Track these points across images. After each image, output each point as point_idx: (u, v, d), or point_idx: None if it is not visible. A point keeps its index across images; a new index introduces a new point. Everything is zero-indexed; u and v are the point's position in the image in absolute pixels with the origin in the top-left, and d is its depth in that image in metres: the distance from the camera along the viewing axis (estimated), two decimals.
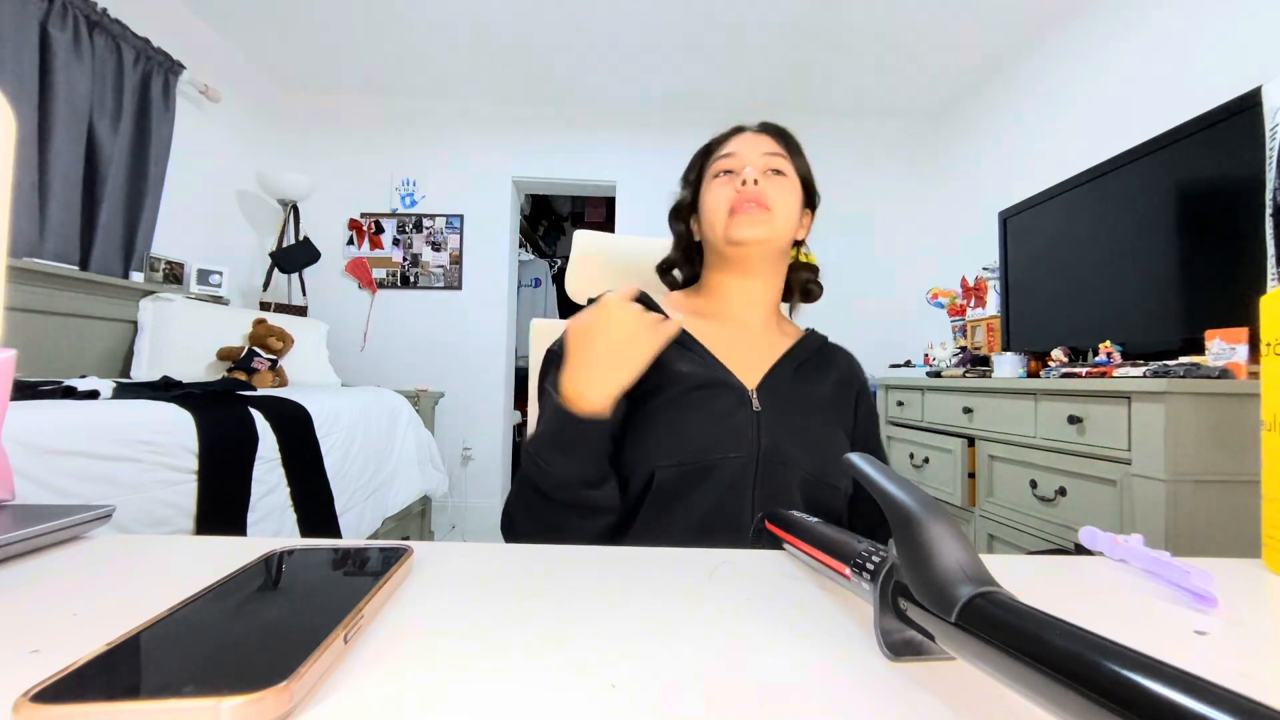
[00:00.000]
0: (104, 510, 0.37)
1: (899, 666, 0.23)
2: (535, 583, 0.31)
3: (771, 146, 0.71)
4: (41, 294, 1.75)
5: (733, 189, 0.68)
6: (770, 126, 0.74)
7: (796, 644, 0.24)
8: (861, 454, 0.28)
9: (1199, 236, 1.40)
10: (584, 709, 0.19)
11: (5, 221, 0.28)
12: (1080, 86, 2.13)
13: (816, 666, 0.22)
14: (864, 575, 0.26)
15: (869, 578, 0.26)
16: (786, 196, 0.69)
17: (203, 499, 1.28)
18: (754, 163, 0.69)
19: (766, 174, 0.69)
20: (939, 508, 0.23)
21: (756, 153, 0.70)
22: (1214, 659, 0.24)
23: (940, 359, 2.24)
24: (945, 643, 0.20)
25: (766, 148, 0.70)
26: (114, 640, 0.20)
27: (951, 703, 0.20)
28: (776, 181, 0.69)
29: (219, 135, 2.65)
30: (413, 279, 3.12)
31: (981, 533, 1.66)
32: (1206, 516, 1.10)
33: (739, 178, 0.68)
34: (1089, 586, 0.33)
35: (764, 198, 0.67)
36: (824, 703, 0.20)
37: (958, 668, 0.23)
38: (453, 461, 3.03)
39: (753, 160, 0.69)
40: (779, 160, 0.70)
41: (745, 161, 0.69)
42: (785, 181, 0.70)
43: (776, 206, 0.68)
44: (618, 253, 0.92)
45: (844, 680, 0.21)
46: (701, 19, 2.39)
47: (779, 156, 0.70)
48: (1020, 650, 0.17)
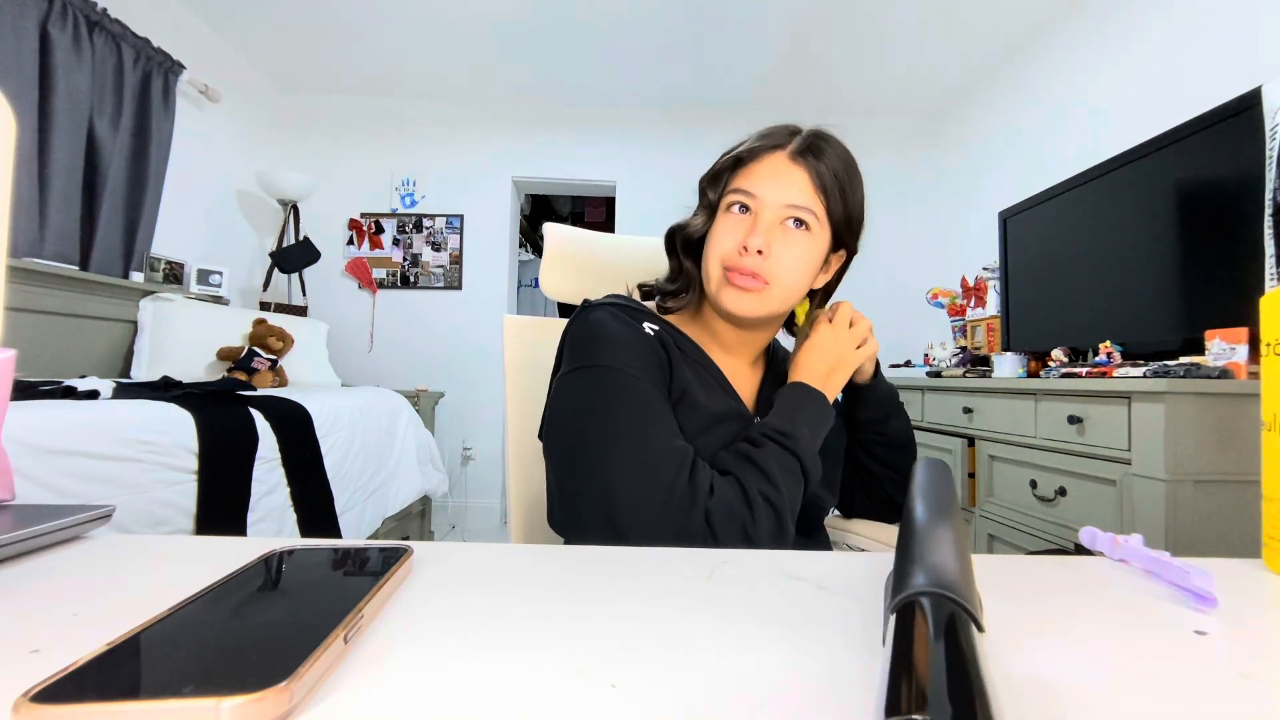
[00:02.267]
0: (104, 510, 0.37)
1: None
2: (535, 583, 0.31)
3: (800, 190, 0.59)
4: (41, 294, 1.75)
5: (737, 239, 0.59)
6: (811, 150, 0.59)
7: (797, 644, 0.24)
8: (926, 461, 0.31)
9: (1199, 236, 1.40)
10: (584, 709, 0.19)
11: (5, 221, 0.28)
12: (1080, 86, 2.13)
13: (816, 666, 0.22)
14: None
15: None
16: (797, 261, 0.59)
17: (203, 499, 1.28)
18: (771, 211, 0.58)
19: (784, 225, 0.59)
20: (943, 513, 0.23)
21: (779, 198, 0.58)
22: (1214, 659, 0.24)
23: (940, 359, 2.24)
24: (886, 631, 0.20)
25: (793, 192, 0.58)
26: (114, 640, 0.20)
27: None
28: (791, 239, 0.59)
29: (219, 135, 2.65)
30: (413, 279, 3.13)
31: (981, 533, 1.66)
32: (1206, 516, 1.10)
33: (749, 226, 0.59)
34: (1089, 586, 0.33)
35: (763, 270, 0.58)
36: (824, 703, 0.20)
37: None
38: (453, 461, 3.03)
39: (771, 207, 0.58)
40: (804, 212, 0.59)
41: (762, 205, 0.59)
42: (803, 239, 0.59)
43: (778, 278, 0.59)
44: (594, 250, 0.89)
45: (844, 680, 0.21)
46: (702, 19, 2.39)
47: (804, 209, 0.59)
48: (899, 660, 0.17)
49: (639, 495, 0.50)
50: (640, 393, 0.55)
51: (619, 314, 0.61)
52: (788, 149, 0.60)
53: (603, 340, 0.58)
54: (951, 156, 2.96)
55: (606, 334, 0.58)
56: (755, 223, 0.58)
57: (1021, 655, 0.23)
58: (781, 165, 0.59)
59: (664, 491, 0.50)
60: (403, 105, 3.13)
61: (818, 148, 0.60)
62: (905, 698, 0.15)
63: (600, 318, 0.60)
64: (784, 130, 0.62)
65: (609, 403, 0.54)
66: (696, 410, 0.58)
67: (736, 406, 0.63)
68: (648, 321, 0.62)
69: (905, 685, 0.16)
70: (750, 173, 0.60)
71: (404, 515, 2.29)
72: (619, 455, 0.52)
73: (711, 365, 0.64)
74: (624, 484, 0.50)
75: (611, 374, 0.55)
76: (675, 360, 0.60)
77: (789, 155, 0.59)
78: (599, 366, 0.56)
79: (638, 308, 0.64)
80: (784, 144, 0.60)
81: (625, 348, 0.57)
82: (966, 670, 0.16)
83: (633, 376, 0.55)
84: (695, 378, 0.61)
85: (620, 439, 0.52)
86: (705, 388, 0.61)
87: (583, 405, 0.55)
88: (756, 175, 0.60)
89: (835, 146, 0.61)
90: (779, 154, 0.60)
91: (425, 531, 2.63)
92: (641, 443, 0.52)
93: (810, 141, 0.60)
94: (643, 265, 0.84)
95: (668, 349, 0.60)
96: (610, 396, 0.54)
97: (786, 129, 0.62)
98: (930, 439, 1.93)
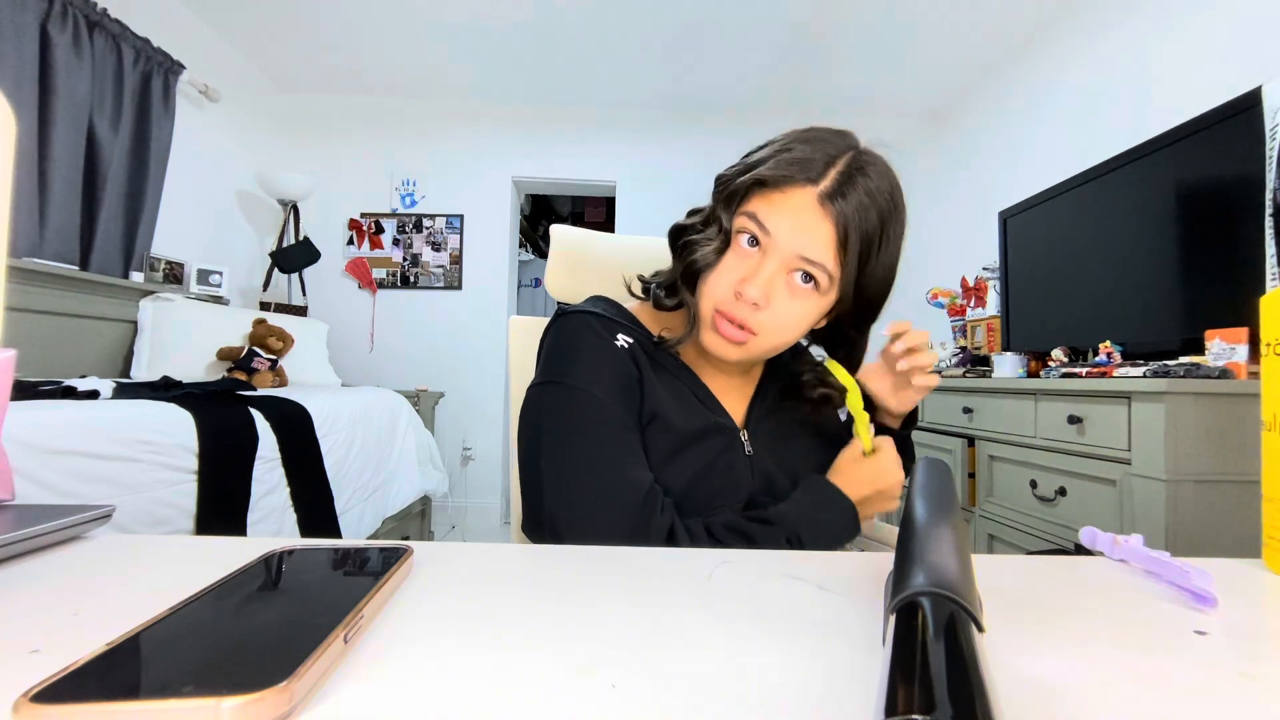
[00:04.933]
0: (104, 510, 0.37)
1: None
2: (535, 583, 0.31)
3: (823, 245, 0.51)
4: (41, 294, 1.75)
5: (735, 280, 0.53)
6: (845, 190, 0.50)
7: (796, 644, 0.24)
8: (926, 461, 0.31)
9: (1199, 236, 1.40)
10: (584, 709, 0.19)
11: (5, 221, 0.28)
12: (1081, 86, 2.13)
13: (816, 667, 0.22)
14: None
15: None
16: (795, 316, 0.54)
17: (203, 499, 1.28)
18: (780, 258, 0.52)
19: (790, 276, 0.53)
20: (943, 512, 0.23)
21: (795, 246, 0.51)
22: (1214, 659, 0.24)
23: (940, 359, 2.24)
24: (886, 631, 0.20)
25: (811, 244, 0.51)
26: (114, 640, 0.20)
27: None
28: (794, 293, 0.53)
29: (219, 135, 2.65)
30: (413, 279, 3.12)
31: (981, 533, 1.66)
32: (1206, 516, 1.10)
33: (752, 268, 0.53)
34: (1089, 586, 0.33)
35: (753, 322, 0.53)
36: (824, 703, 0.20)
37: None
38: (453, 461, 3.03)
39: (783, 253, 0.52)
40: (818, 269, 0.52)
41: (774, 246, 0.52)
42: (807, 296, 0.53)
43: (768, 331, 0.54)
44: (599, 250, 0.89)
45: (844, 680, 0.21)
46: (702, 19, 2.39)
47: (818, 267, 0.52)
48: (899, 660, 0.17)
49: (586, 528, 0.49)
50: (603, 417, 0.53)
51: (594, 324, 0.58)
52: (820, 187, 0.51)
53: (572, 356, 0.56)
54: (951, 156, 2.96)
55: (577, 349, 0.56)
56: (760, 266, 0.52)
57: (1021, 655, 0.23)
58: (807, 207, 0.51)
59: (610, 526, 0.49)
60: (403, 105, 3.13)
61: (854, 189, 0.51)
62: (905, 698, 0.15)
63: (574, 328, 0.58)
64: (821, 157, 0.51)
65: (570, 425, 0.53)
66: (669, 431, 0.56)
67: (718, 420, 0.60)
68: (623, 333, 0.59)
69: (905, 685, 0.16)
70: (771, 202, 0.52)
71: (404, 515, 2.29)
72: (567, 484, 0.51)
73: (692, 378, 0.61)
74: (571, 513, 0.50)
75: (575, 394, 0.53)
76: (647, 377, 0.57)
77: (819, 198, 0.51)
78: (563, 385, 0.54)
79: (613, 317, 0.60)
80: (817, 179, 0.51)
81: (593, 365, 0.55)
82: (966, 670, 0.16)
83: (596, 398, 0.53)
84: (670, 394, 0.58)
85: (576, 467, 0.51)
86: (681, 403, 0.58)
87: (542, 424, 0.54)
88: (776, 209, 0.52)
89: (879, 181, 0.52)
90: (808, 192, 0.51)
91: (425, 531, 2.63)
92: (596, 472, 0.51)
93: (848, 178, 0.51)
94: (648, 266, 0.84)
95: (640, 364, 0.57)
96: (572, 419, 0.53)
97: (825, 154, 0.52)
98: (930, 439, 1.93)
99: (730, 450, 0.59)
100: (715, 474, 0.57)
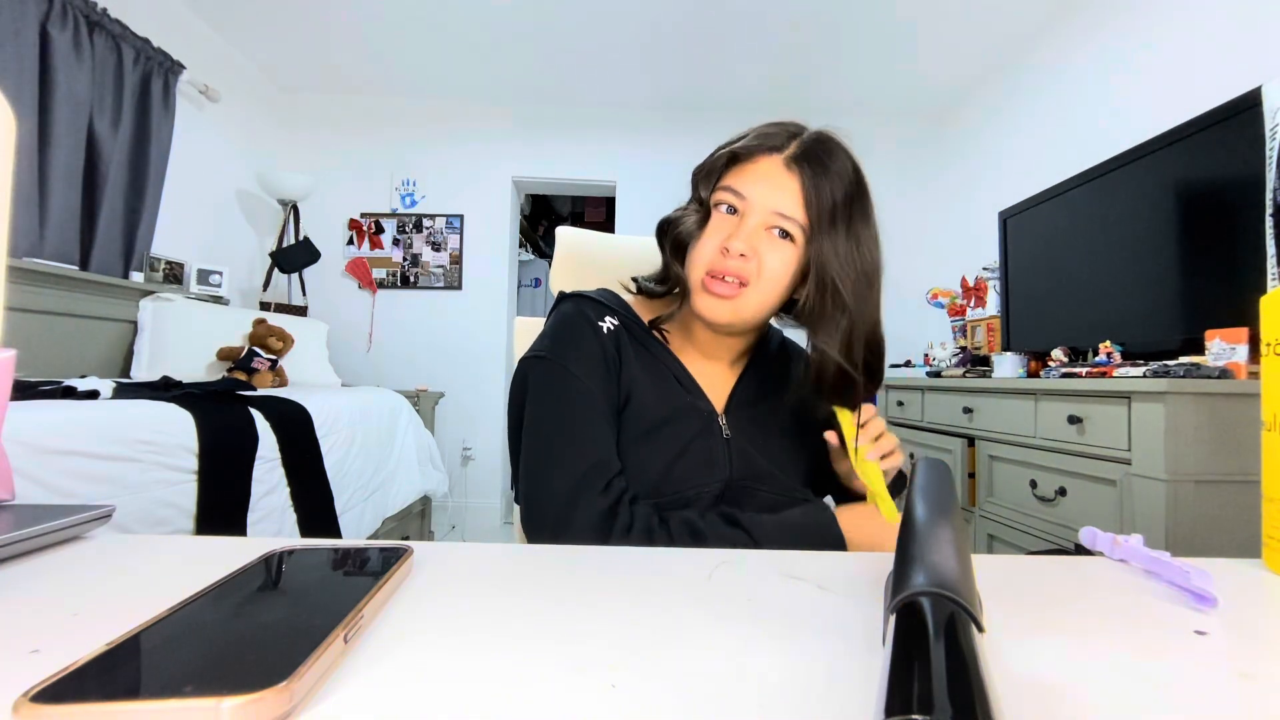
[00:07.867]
0: (104, 510, 0.37)
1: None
2: (535, 583, 0.31)
3: (792, 199, 0.56)
4: (41, 294, 1.75)
5: (720, 241, 0.57)
6: (808, 157, 0.56)
7: (796, 644, 0.24)
8: (926, 461, 0.31)
9: (1199, 236, 1.40)
10: (584, 709, 0.19)
11: (5, 221, 0.28)
12: (1081, 86, 2.13)
13: (816, 667, 0.22)
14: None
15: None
16: (779, 266, 0.57)
17: (203, 499, 1.28)
18: (757, 216, 0.57)
19: (769, 232, 0.57)
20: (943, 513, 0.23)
21: (768, 203, 0.56)
22: (1214, 659, 0.24)
23: (940, 359, 2.25)
24: (886, 631, 0.20)
25: (783, 200, 0.56)
26: (114, 640, 0.20)
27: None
28: (775, 245, 0.57)
29: (219, 135, 2.65)
30: (413, 279, 3.12)
31: (981, 533, 1.66)
32: (1206, 516, 1.10)
33: (733, 228, 0.57)
34: (1089, 586, 0.33)
35: (744, 271, 0.56)
36: (824, 703, 0.20)
37: None
38: (453, 461, 3.03)
39: (759, 211, 0.56)
40: (791, 223, 0.56)
41: (750, 208, 0.57)
42: (786, 248, 0.57)
43: (757, 281, 0.57)
44: (602, 251, 0.90)
45: (844, 680, 0.21)
46: (702, 19, 2.39)
47: (791, 221, 0.56)
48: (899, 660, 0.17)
49: (547, 495, 0.54)
50: (576, 393, 0.57)
51: (585, 307, 0.63)
52: (784, 153, 0.57)
53: (560, 334, 0.61)
54: (952, 156, 2.96)
55: (565, 328, 0.61)
56: (740, 225, 0.57)
57: (1021, 655, 0.23)
58: (776, 170, 0.57)
59: (567, 497, 0.53)
60: (403, 105, 3.12)
61: (816, 157, 0.56)
62: (905, 698, 0.15)
63: (567, 309, 0.63)
64: (784, 131, 0.59)
65: (545, 398, 0.58)
66: (642, 413, 0.59)
67: (695, 402, 0.62)
68: (609, 316, 0.63)
69: (905, 685, 0.16)
70: (743, 172, 0.58)
71: (404, 515, 2.29)
72: (538, 456, 0.56)
73: (675, 363, 0.63)
74: (542, 478, 0.55)
75: (553, 368, 0.58)
76: (626, 359, 0.61)
77: (784, 161, 0.57)
78: (546, 360, 0.59)
79: (605, 301, 0.65)
80: (781, 147, 0.57)
81: (575, 343, 0.60)
82: (966, 670, 0.16)
83: (573, 375, 0.58)
84: (650, 376, 0.61)
85: (549, 440, 0.56)
86: (659, 386, 0.61)
87: (527, 391, 0.60)
88: (748, 176, 0.58)
89: (839, 162, 0.57)
90: (774, 158, 0.57)
91: (425, 531, 2.63)
92: (565, 445, 0.55)
93: (809, 147, 0.57)
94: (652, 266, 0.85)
95: (621, 348, 0.61)
96: (546, 393, 0.58)
97: (787, 130, 0.59)
98: (930, 439, 1.93)
99: (707, 433, 0.61)
100: (691, 455, 0.59)
